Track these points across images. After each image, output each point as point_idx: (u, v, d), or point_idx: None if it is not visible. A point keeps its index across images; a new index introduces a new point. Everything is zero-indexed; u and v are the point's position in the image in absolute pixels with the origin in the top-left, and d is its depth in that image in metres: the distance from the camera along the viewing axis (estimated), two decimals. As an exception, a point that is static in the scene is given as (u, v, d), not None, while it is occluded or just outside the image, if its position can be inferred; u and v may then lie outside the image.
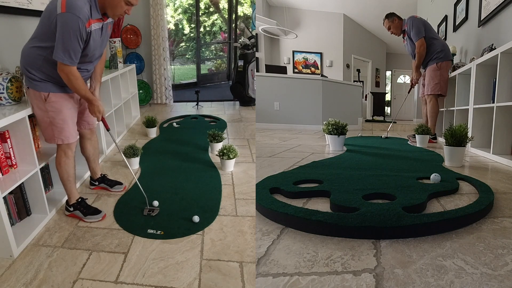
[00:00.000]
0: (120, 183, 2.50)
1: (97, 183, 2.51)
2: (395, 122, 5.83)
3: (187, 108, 5.51)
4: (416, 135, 3.55)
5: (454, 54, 4.41)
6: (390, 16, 3.87)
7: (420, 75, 3.92)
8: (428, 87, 3.77)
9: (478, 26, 3.78)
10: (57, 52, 1.75)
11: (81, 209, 2.09)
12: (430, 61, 3.76)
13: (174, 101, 5.94)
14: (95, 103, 2.02)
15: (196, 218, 2.04)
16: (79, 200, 2.13)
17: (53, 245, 1.83)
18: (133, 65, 4.80)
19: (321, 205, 1.53)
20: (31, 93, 1.94)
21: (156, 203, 2.23)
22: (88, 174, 2.63)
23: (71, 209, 2.11)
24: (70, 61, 1.78)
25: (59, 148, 2.04)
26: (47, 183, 2.37)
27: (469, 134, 2.72)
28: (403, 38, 3.92)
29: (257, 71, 6.64)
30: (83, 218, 2.07)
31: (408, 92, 4.35)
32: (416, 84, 4.07)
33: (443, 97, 3.92)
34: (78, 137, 2.16)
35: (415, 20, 3.69)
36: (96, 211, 2.10)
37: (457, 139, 2.39)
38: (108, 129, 2.18)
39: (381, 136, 4.51)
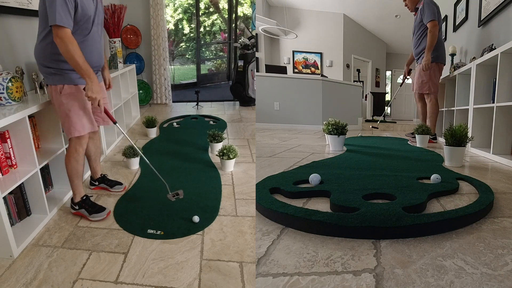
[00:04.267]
0: (120, 183, 2.50)
1: (97, 183, 2.51)
2: (384, 122, 5.84)
3: (187, 108, 5.51)
4: (416, 135, 3.55)
5: (454, 54, 4.41)
6: None
7: (430, 59, 3.66)
8: (416, 85, 3.71)
9: (478, 26, 3.78)
10: (50, 17, 1.75)
11: (86, 207, 2.10)
12: (422, 57, 3.64)
13: (173, 101, 5.95)
14: (94, 79, 1.88)
15: (196, 218, 2.03)
16: (84, 198, 2.13)
17: (53, 245, 1.83)
18: (133, 65, 4.81)
19: (321, 205, 1.53)
20: (51, 90, 2.00)
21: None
22: (88, 174, 2.64)
23: (77, 207, 2.12)
24: (66, 21, 1.76)
25: (71, 144, 2.07)
26: (47, 183, 2.37)
27: (469, 134, 2.72)
28: (415, 15, 3.77)
29: (257, 71, 6.64)
30: (88, 216, 2.07)
31: (402, 83, 4.33)
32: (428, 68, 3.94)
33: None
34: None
35: (432, 2, 3.55)
36: (101, 209, 2.10)
37: (457, 139, 2.39)
38: (114, 122, 2.21)
39: (370, 126, 4.54)
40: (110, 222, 2.06)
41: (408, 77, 4.25)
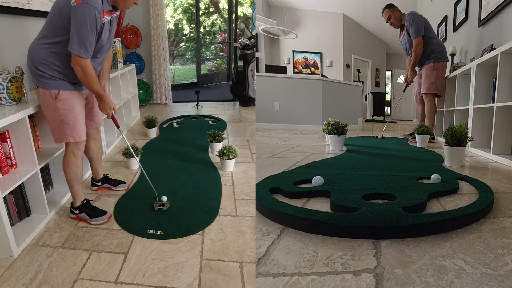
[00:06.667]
0: (124, 182, 2.52)
1: (100, 184, 2.49)
2: (383, 122, 5.83)
3: (187, 108, 5.51)
4: (416, 135, 3.55)
5: (454, 54, 4.41)
6: (392, 7, 3.82)
7: (415, 73, 3.89)
8: (424, 86, 3.77)
9: (478, 26, 3.78)
10: (72, 44, 1.76)
11: (87, 211, 2.06)
12: (427, 60, 3.74)
13: (173, 101, 5.95)
14: (106, 99, 2.03)
15: (164, 198, 2.26)
16: (84, 202, 2.10)
17: (53, 245, 1.83)
18: (133, 65, 4.81)
19: (321, 205, 1.53)
20: (40, 92, 1.93)
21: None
22: (88, 173, 2.63)
23: (77, 212, 2.08)
24: (86, 53, 1.80)
25: (68, 148, 2.03)
26: (47, 183, 2.37)
27: (469, 134, 2.72)
28: (401, 32, 3.88)
29: (257, 71, 6.64)
30: (89, 220, 2.04)
31: (404, 91, 4.32)
32: (411, 83, 4.03)
33: (439, 97, 3.92)
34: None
35: (415, 17, 3.64)
36: (102, 213, 2.08)
37: (457, 139, 2.39)
38: (118, 127, 2.24)
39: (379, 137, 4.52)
40: (110, 222, 2.06)
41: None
